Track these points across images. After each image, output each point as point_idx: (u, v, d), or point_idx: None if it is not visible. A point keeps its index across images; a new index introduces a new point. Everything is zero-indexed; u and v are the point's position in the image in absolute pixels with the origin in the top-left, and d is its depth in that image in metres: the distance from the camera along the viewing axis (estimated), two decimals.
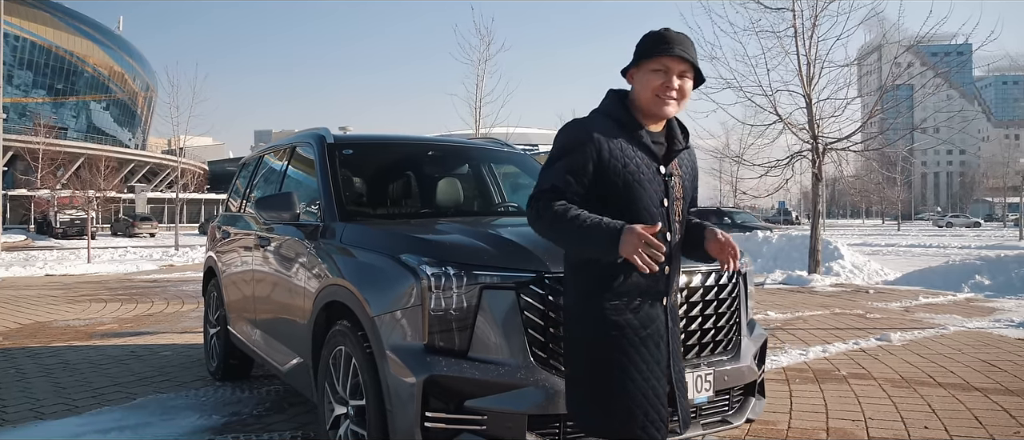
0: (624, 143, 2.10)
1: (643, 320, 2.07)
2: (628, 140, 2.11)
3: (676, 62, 2.07)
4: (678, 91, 2.10)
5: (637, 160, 2.09)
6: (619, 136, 2.10)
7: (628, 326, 2.05)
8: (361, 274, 2.82)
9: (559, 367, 2.42)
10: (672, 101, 2.10)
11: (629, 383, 2.03)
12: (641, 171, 2.08)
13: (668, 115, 2.13)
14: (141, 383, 4.87)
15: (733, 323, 2.87)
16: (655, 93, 2.09)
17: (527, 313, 2.44)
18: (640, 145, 2.12)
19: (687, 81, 2.12)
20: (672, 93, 2.09)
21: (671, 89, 2.08)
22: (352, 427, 2.81)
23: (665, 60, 2.07)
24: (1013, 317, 7.78)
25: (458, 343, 2.47)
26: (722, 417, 2.82)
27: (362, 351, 2.67)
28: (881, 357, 5.56)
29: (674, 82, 2.08)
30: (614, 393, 2.04)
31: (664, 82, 2.08)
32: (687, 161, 2.26)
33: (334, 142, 3.80)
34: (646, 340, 2.07)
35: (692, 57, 2.09)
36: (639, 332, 2.06)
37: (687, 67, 2.10)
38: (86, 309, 8.77)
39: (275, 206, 3.42)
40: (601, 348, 2.06)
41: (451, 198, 3.94)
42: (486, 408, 2.39)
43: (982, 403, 4.24)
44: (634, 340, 2.05)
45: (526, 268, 2.49)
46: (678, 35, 2.11)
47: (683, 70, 2.10)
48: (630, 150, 2.09)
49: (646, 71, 2.10)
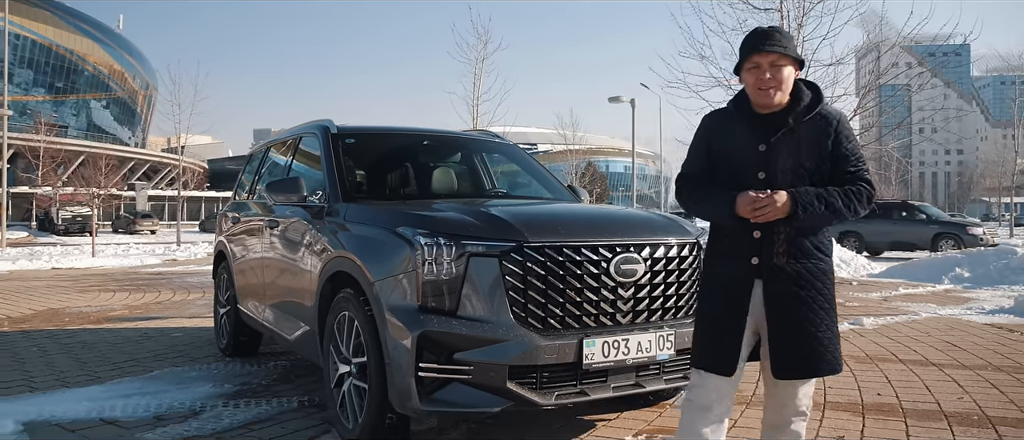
0: (732, 126, 2.46)
1: (726, 274, 2.44)
2: (736, 123, 2.45)
3: (764, 56, 2.35)
4: (773, 80, 2.35)
5: (740, 138, 2.43)
6: (732, 121, 2.47)
7: (715, 273, 2.49)
8: (362, 246, 3.18)
9: (536, 325, 2.80)
10: (771, 89, 2.36)
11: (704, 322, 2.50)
12: (739, 147, 2.43)
13: (771, 102, 2.38)
14: (156, 359, 5.22)
15: (694, 291, 3.22)
16: (755, 88, 2.39)
17: (508, 278, 2.80)
18: (745, 127, 2.43)
19: (782, 69, 2.36)
20: (769, 83, 2.36)
21: (764, 81, 2.36)
22: (354, 383, 3.16)
23: (755, 58, 2.36)
24: (985, 305, 8.14)
25: (448, 304, 2.83)
26: (684, 374, 3.17)
27: (363, 314, 3.02)
28: (851, 338, 5.90)
29: (766, 74, 2.35)
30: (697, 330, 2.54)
31: (758, 76, 2.37)
32: (805, 133, 2.40)
33: (337, 132, 4.16)
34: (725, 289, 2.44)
35: (781, 48, 2.34)
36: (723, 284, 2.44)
37: (776, 57, 2.35)
38: (96, 298, 9.11)
39: (284, 189, 3.78)
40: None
41: (444, 183, 4.31)
42: (472, 360, 2.75)
43: (935, 375, 4.59)
44: (713, 286, 2.48)
45: (507, 238, 2.85)
46: (764, 31, 2.40)
47: (773, 60, 2.35)
48: (734, 132, 2.45)
49: (744, 70, 2.41)
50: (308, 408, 3.90)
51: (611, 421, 3.65)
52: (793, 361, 2.37)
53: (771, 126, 2.40)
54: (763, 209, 2.29)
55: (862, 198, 2.37)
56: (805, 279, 2.37)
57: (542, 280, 2.84)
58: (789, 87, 2.39)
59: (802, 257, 2.38)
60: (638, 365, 2.99)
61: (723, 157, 2.47)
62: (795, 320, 2.36)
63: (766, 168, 2.38)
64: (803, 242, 2.38)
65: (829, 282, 2.42)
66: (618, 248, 2.98)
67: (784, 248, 2.36)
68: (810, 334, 2.36)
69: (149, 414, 3.79)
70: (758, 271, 2.38)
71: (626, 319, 2.98)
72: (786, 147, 2.38)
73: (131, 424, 3.61)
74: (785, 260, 2.36)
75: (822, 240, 2.43)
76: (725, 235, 2.46)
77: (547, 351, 2.79)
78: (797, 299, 2.36)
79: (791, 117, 2.39)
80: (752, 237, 2.38)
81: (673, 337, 3.04)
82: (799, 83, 2.43)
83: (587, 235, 2.99)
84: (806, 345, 2.36)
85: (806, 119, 2.40)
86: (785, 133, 2.39)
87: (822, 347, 2.37)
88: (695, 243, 3.25)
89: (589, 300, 2.91)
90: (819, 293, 2.38)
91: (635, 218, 3.47)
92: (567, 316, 2.87)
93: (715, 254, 2.51)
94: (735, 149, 2.44)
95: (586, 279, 2.90)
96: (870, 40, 15.48)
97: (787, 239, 2.36)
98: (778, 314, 2.37)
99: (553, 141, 50.83)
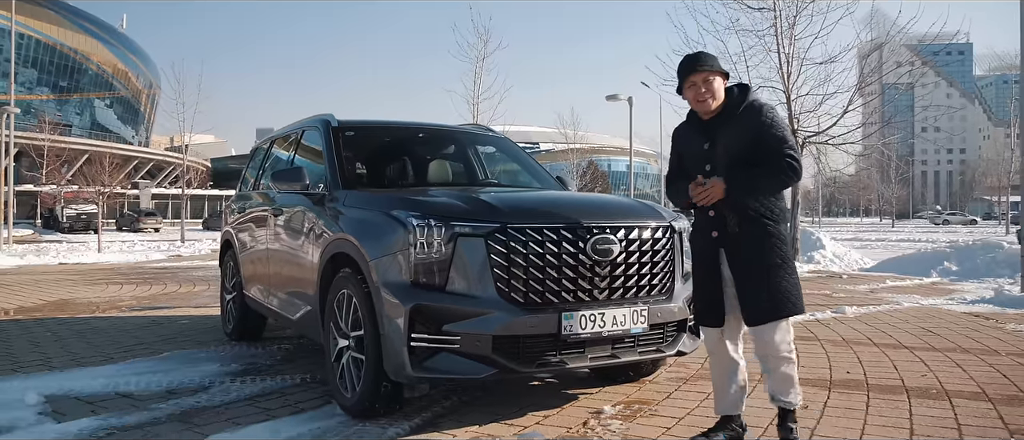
0: (687, 132, 3.06)
1: (699, 247, 3.01)
2: (688, 130, 3.05)
3: (698, 75, 2.91)
4: (708, 91, 2.91)
5: (691, 141, 3.03)
6: (686, 129, 3.07)
7: (694, 248, 3.06)
8: (360, 228, 3.44)
9: (519, 299, 3.06)
10: (707, 99, 2.92)
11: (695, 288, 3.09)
12: (691, 147, 3.02)
13: (709, 108, 2.94)
14: (165, 343, 5.48)
15: (667, 271, 3.47)
16: (695, 100, 2.95)
17: (493, 256, 3.07)
18: (694, 131, 3.02)
19: (713, 82, 2.92)
20: (704, 95, 2.92)
21: (701, 94, 2.92)
22: (352, 354, 3.42)
23: (691, 77, 2.92)
24: (967, 296, 8.36)
25: (438, 280, 3.09)
26: (657, 347, 3.43)
27: (361, 291, 3.28)
28: (831, 325, 6.15)
29: (702, 89, 2.91)
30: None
31: (696, 92, 2.92)
32: (735, 127, 2.91)
33: (338, 125, 4.42)
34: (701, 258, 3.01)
35: (709, 67, 2.91)
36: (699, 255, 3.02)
37: (707, 73, 2.91)
38: (104, 290, 9.38)
39: (288, 178, 4.05)
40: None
41: (439, 173, 4.57)
42: (460, 331, 3.01)
43: (905, 357, 4.83)
44: (695, 258, 3.05)
45: (493, 220, 3.11)
46: (695, 56, 2.96)
47: (705, 77, 2.91)
48: (688, 137, 3.05)
49: (685, 89, 2.97)
50: (310, 384, 4.16)
51: (594, 394, 3.90)
52: (757, 310, 2.85)
53: (711, 128, 2.96)
54: (703, 193, 2.85)
55: (785, 171, 2.83)
56: (754, 241, 2.87)
57: (524, 258, 3.10)
58: (721, 94, 2.94)
59: (750, 224, 2.87)
60: (614, 338, 3.24)
61: (685, 157, 3.08)
62: (753, 276, 2.85)
63: (710, 161, 2.93)
64: (749, 213, 2.87)
65: (780, 241, 2.89)
66: (595, 229, 3.23)
67: (734, 218, 2.87)
68: (769, 286, 2.83)
69: (161, 388, 4.05)
70: (719, 240, 2.92)
71: (602, 295, 3.24)
72: (723, 141, 2.92)
73: (145, 397, 3.88)
74: (738, 229, 2.87)
75: (772, 208, 2.90)
76: (696, 216, 3.03)
77: (529, 323, 3.04)
78: (751, 259, 2.86)
79: (725, 116, 2.93)
80: (709, 216, 2.94)
81: (647, 312, 3.29)
82: (730, 87, 2.98)
83: (566, 218, 3.24)
84: (766, 295, 2.83)
85: (738, 113, 2.91)
86: (722, 130, 2.92)
87: (781, 295, 2.83)
88: (669, 226, 3.51)
89: (568, 277, 3.16)
90: (771, 251, 2.86)
91: (612, 203, 3.73)
92: (547, 291, 3.12)
93: (693, 233, 3.10)
94: (690, 150, 3.05)
95: (565, 258, 3.15)
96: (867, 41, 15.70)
97: (734, 210, 2.87)
98: (740, 273, 2.88)
99: (554, 140, 51.11)
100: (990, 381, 4.11)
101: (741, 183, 2.83)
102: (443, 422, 3.38)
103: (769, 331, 2.85)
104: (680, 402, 3.73)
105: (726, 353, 3.02)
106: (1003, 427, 3.26)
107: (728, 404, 3.04)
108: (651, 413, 3.53)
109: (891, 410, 3.54)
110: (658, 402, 3.73)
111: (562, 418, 3.45)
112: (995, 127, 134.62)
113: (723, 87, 2.95)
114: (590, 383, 4.14)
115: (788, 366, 2.90)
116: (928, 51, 19.11)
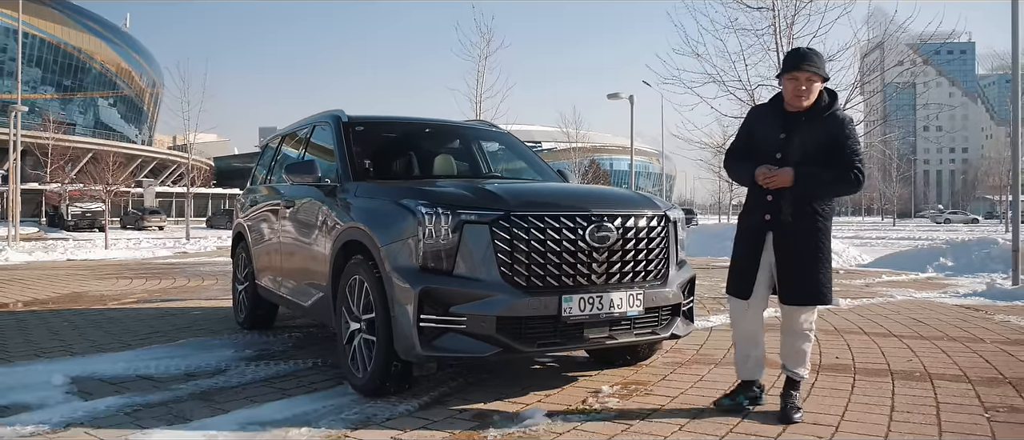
0: (766, 116, 3.33)
1: (748, 223, 3.32)
2: (769, 115, 3.31)
3: (802, 72, 3.14)
4: (807, 90, 3.17)
5: (768, 126, 3.28)
6: (767, 113, 3.35)
7: (741, 225, 3.38)
8: (371, 216, 3.64)
9: (521, 283, 3.25)
10: (802, 97, 3.17)
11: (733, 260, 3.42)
12: (767, 133, 3.28)
13: (800, 105, 3.19)
14: (180, 331, 5.68)
15: (662, 258, 3.66)
16: (793, 93, 3.20)
17: (497, 242, 3.26)
18: (774, 118, 3.28)
19: (814, 83, 3.17)
20: (803, 93, 3.17)
21: (800, 91, 3.17)
22: (364, 337, 3.61)
23: (795, 72, 3.16)
24: (960, 290, 8.55)
25: (445, 264, 3.28)
26: (652, 330, 3.62)
27: (372, 276, 3.47)
28: (824, 316, 6.33)
29: (802, 86, 3.16)
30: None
31: (795, 86, 3.17)
32: (817, 128, 3.19)
33: (348, 120, 4.62)
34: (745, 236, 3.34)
35: (816, 68, 3.15)
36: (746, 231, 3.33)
37: (811, 74, 3.14)
38: (115, 284, 9.58)
39: (301, 170, 4.24)
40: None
41: (445, 166, 4.76)
42: (466, 312, 3.21)
43: (894, 344, 5.02)
44: (740, 234, 3.38)
45: (496, 208, 3.30)
46: (805, 54, 3.18)
47: (808, 76, 3.14)
48: (766, 121, 3.31)
49: (785, 78, 3.20)
50: (322, 367, 4.35)
51: (593, 376, 4.09)
52: (793, 292, 3.23)
53: (793, 121, 3.23)
54: (771, 178, 3.16)
55: (850, 180, 3.16)
56: (804, 232, 3.19)
57: (526, 244, 3.29)
58: (815, 95, 3.22)
59: (803, 217, 3.19)
60: (611, 320, 3.43)
61: (758, 139, 3.34)
62: (795, 262, 3.19)
63: (783, 150, 3.23)
64: (805, 206, 3.19)
65: (826, 236, 3.23)
66: (593, 218, 3.42)
67: (789, 208, 3.19)
68: (807, 273, 3.19)
69: (180, 371, 4.24)
70: (770, 224, 3.24)
71: (601, 280, 3.42)
72: (800, 136, 3.20)
73: (165, 379, 4.07)
74: (790, 218, 3.18)
75: (824, 207, 3.23)
76: (751, 196, 3.34)
77: (531, 305, 3.23)
78: (800, 248, 3.18)
79: (809, 115, 3.21)
80: (766, 199, 3.24)
81: (643, 296, 3.48)
82: (823, 90, 3.25)
83: (566, 207, 3.43)
84: (803, 280, 3.19)
85: (824, 116, 3.20)
86: (802, 126, 3.21)
87: (816, 283, 3.20)
88: (664, 216, 3.70)
89: (567, 262, 3.35)
90: (818, 244, 3.20)
91: (610, 194, 3.92)
92: (548, 275, 3.31)
93: (744, 210, 3.39)
94: (765, 135, 3.30)
95: (565, 244, 3.34)
96: (866, 40, 15.86)
97: (792, 201, 3.18)
98: (783, 257, 3.22)
99: (557, 139, 51.27)
100: (972, 365, 4.30)
101: (809, 179, 3.13)
102: (450, 400, 3.58)
103: (800, 311, 3.25)
104: (675, 384, 3.91)
105: (750, 324, 3.34)
106: (979, 404, 3.45)
107: (747, 370, 3.38)
108: (647, 392, 3.72)
109: (875, 390, 3.73)
110: (654, 383, 3.92)
111: (562, 397, 3.64)
112: (998, 126, 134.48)
113: (819, 89, 3.20)
114: (589, 366, 4.32)
115: (806, 343, 3.29)
116: (929, 50, 19.25)
